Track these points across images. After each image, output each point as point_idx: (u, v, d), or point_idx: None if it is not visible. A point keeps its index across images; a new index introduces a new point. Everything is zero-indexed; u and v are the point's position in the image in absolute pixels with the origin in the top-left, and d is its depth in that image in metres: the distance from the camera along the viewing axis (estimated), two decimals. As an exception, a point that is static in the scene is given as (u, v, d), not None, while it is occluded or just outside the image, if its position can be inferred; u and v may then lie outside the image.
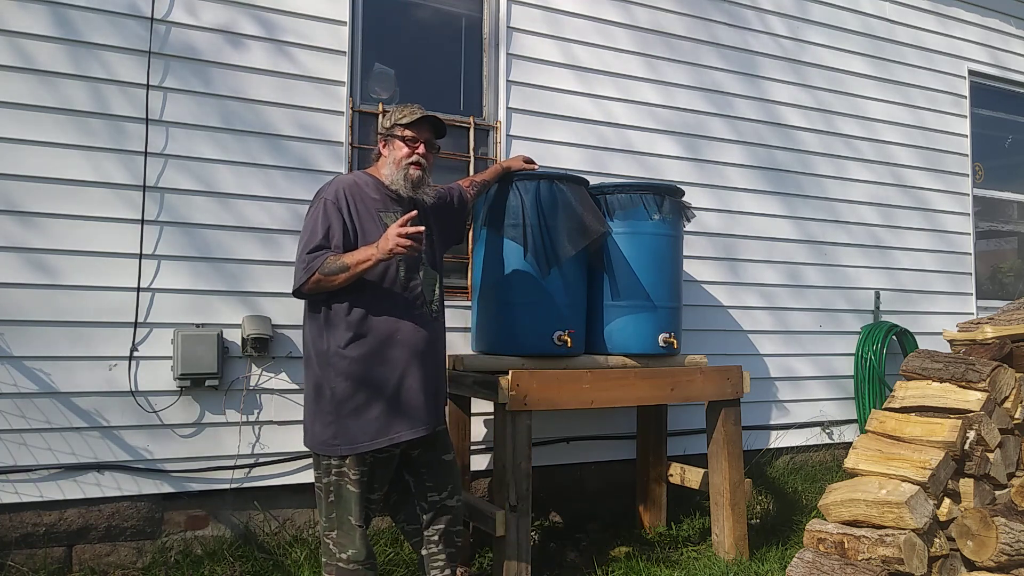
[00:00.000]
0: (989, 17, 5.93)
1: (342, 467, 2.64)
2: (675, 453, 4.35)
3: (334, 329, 2.63)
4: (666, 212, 3.68)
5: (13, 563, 3.09)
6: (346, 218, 2.67)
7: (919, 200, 5.54)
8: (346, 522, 2.64)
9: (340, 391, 2.61)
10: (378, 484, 2.72)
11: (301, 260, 2.61)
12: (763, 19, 4.96)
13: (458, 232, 3.24)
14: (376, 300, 2.66)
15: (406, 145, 2.78)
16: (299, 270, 2.62)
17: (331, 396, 2.61)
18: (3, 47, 3.16)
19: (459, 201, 3.16)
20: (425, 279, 2.78)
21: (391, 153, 2.80)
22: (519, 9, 4.19)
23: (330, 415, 2.62)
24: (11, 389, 3.12)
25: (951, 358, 2.94)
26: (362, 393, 2.61)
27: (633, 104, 4.49)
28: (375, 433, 2.61)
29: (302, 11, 3.69)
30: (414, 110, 2.81)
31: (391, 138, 2.81)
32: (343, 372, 2.61)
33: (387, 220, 2.72)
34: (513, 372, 3.16)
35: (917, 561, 2.49)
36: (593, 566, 3.59)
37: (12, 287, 3.14)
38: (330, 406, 2.62)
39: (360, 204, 2.72)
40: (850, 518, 2.68)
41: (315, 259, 2.58)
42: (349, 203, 2.70)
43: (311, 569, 3.26)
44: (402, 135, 2.78)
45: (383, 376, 2.63)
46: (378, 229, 2.69)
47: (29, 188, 3.18)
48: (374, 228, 2.70)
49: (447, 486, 2.82)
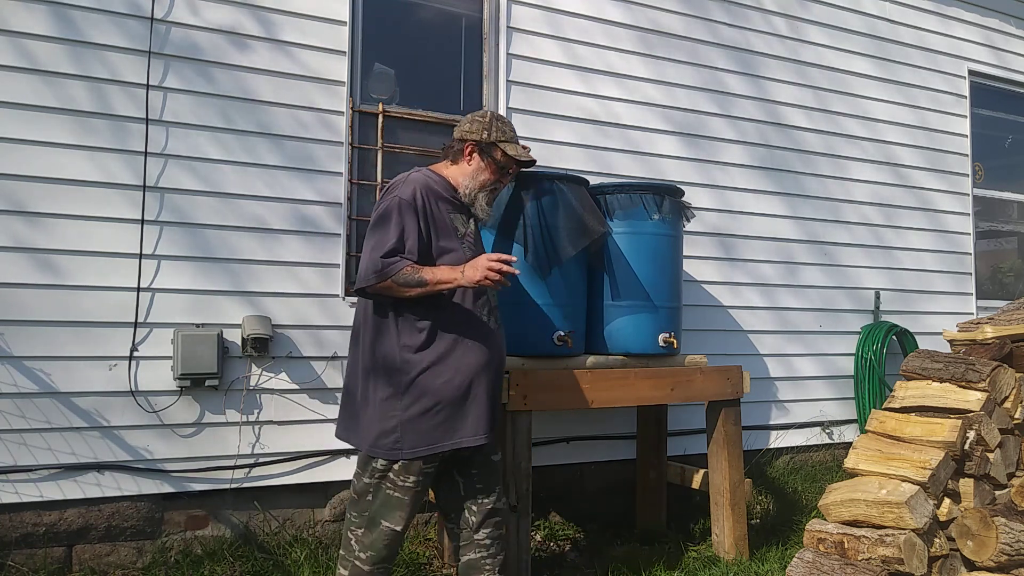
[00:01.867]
0: (989, 17, 5.93)
1: (388, 471, 2.58)
2: (675, 453, 4.35)
3: (404, 334, 2.60)
4: (666, 212, 3.68)
5: (13, 563, 3.09)
6: (420, 221, 2.61)
7: (919, 200, 5.55)
8: (378, 525, 2.60)
9: (406, 395, 2.57)
10: (424, 487, 2.68)
11: (373, 262, 2.53)
12: (766, 19, 4.96)
13: None
14: (448, 309, 2.63)
15: (498, 171, 2.79)
16: (369, 271, 2.54)
17: (395, 400, 2.57)
18: (6, 47, 3.16)
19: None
20: (491, 291, 2.76)
21: (478, 168, 2.77)
22: (519, 9, 4.19)
23: (393, 419, 2.57)
24: (11, 389, 3.12)
25: (951, 358, 2.94)
26: (429, 398, 2.57)
27: (634, 104, 4.49)
28: (438, 438, 2.58)
29: (302, 11, 3.69)
30: (522, 147, 2.81)
31: (487, 155, 2.77)
32: (411, 377, 2.57)
33: (455, 223, 2.71)
34: (513, 372, 3.16)
35: (917, 561, 2.49)
36: (593, 566, 3.59)
37: (12, 287, 3.14)
38: (394, 410, 2.57)
39: (434, 206, 2.67)
40: (850, 518, 2.68)
41: (391, 265, 2.51)
42: (425, 204, 2.63)
43: (311, 569, 3.26)
44: (501, 161, 2.78)
45: (452, 383, 2.60)
46: (451, 233, 2.67)
47: (29, 188, 3.18)
48: (447, 231, 2.67)
49: (496, 488, 2.78)
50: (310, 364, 3.62)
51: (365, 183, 3.86)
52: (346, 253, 3.74)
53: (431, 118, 4.03)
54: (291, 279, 3.62)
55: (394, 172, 3.91)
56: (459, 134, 2.81)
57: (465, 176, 2.77)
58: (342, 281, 3.71)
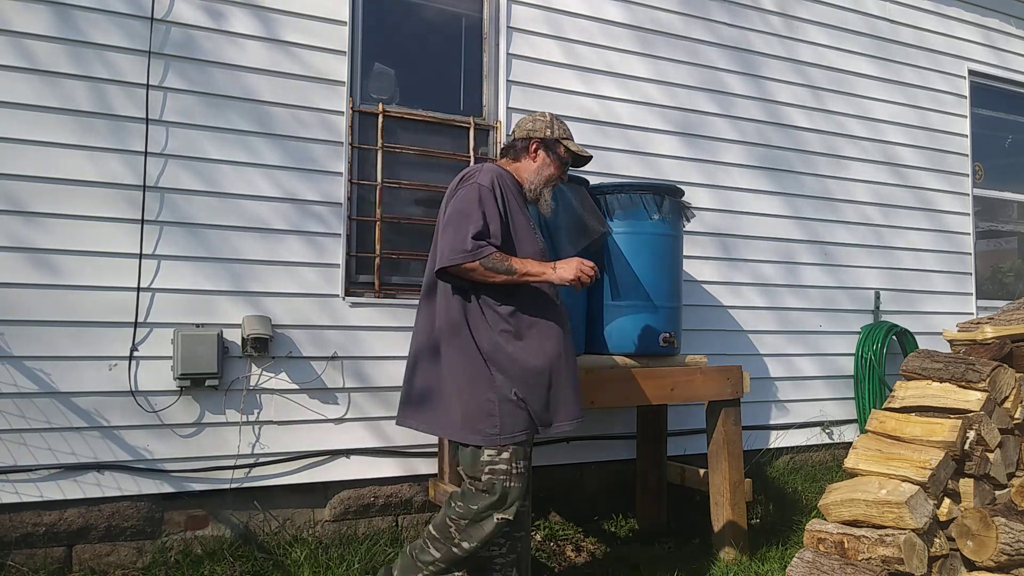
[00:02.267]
0: (989, 17, 5.93)
1: (498, 461, 2.60)
2: (675, 453, 4.35)
3: (492, 320, 2.66)
4: (666, 212, 3.68)
5: (13, 563, 3.09)
6: (500, 207, 2.68)
7: (919, 200, 5.54)
8: (491, 518, 2.60)
9: (502, 381, 2.62)
10: (529, 469, 2.72)
11: (462, 242, 2.56)
12: (764, 18, 4.96)
13: None
14: (533, 296, 2.73)
15: (561, 167, 2.92)
16: (458, 250, 2.57)
17: (491, 386, 2.61)
18: (7, 48, 3.16)
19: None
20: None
21: (543, 164, 2.88)
22: (519, 9, 4.19)
23: (491, 403, 2.60)
24: (11, 389, 3.12)
25: (951, 358, 2.94)
26: (524, 382, 2.63)
27: (634, 104, 4.49)
28: (542, 420, 2.67)
29: (302, 11, 3.69)
30: (580, 145, 2.95)
31: (552, 151, 2.89)
32: (504, 362, 2.62)
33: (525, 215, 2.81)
34: (513, 372, 3.16)
35: (917, 561, 2.49)
36: (593, 566, 3.59)
37: (12, 287, 3.14)
38: (492, 397, 2.61)
39: (509, 195, 2.77)
40: (850, 518, 2.68)
41: (480, 248, 2.57)
42: (502, 193, 2.72)
43: (311, 569, 3.26)
44: (564, 157, 2.91)
45: (542, 368, 2.67)
46: (525, 224, 2.77)
47: (29, 187, 3.18)
48: (523, 221, 2.77)
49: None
50: (310, 364, 3.62)
51: (365, 183, 3.86)
52: (346, 253, 3.74)
53: (431, 118, 4.03)
54: (291, 279, 3.62)
55: (394, 172, 3.93)
56: (522, 133, 2.91)
57: (530, 172, 2.87)
58: (342, 281, 3.71)
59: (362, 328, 3.74)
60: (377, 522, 3.76)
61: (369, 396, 3.74)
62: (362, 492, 3.73)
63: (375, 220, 3.85)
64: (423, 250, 4.00)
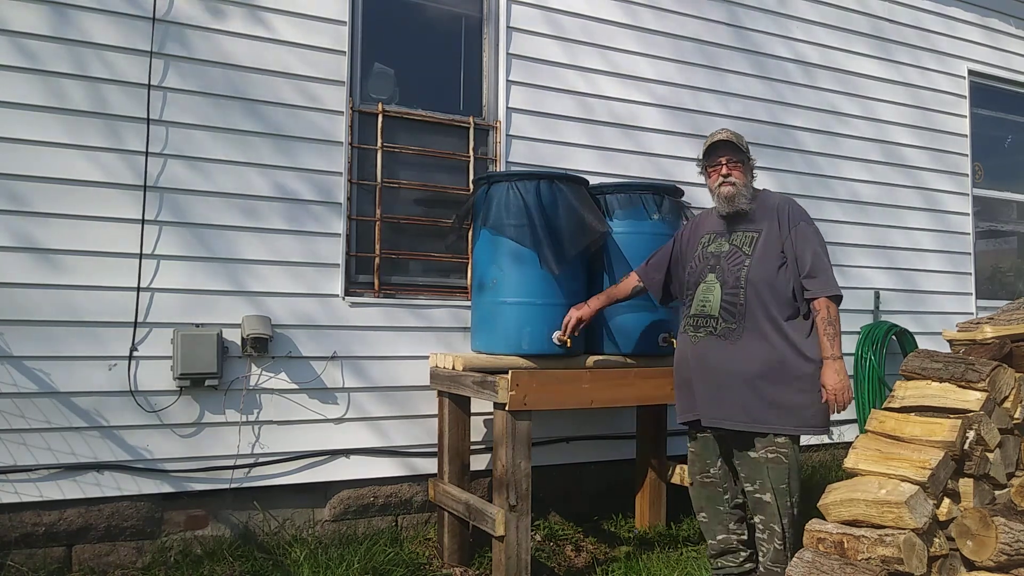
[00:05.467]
0: (989, 17, 5.93)
1: (795, 444, 2.98)
2: (675, 453, 4.34)
3: (792, 331, 2.96)
4: (666, 212, 3.68)
5: (13, 563, 3.09)
6: None
7: (919, 200, 5.54)
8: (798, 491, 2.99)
9: (808, 383, 2.96)
10: None
11: (833, 276, 2.99)
12: (777, 21, 4.96)
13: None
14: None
15: (710, 174, 3.12)
16: (836, 284, 2.97)
17: (805, 387, 2.94)
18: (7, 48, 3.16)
19: None
20: None
21: (710, 185, 3.14)
22: (519, 9, 4.19)
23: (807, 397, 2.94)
24: (11, 389, 3.12)
25: (951, 358, 2.94)
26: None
27: (634, 104, 4.48)
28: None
29: (302, 11, 3.69)
30: (709, 139, 3.13)
31: (705, 173, 3.16)
32: (808, 367, 2.95)
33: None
34: (513, 372, 3.16)
35: (916, 561, 2.49)
36: (593, 566, 3.59)
37: (12, 287, 3.15)
38: (812, 398, 2.94)
39: None
40: (850, 518, 2.67)
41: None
42: None
43: (311, 569, 3.26)
44: (704, 166, 3.14)
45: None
46: None
47: (29, 187, 3.18)
48: None
49: (755, 480, 3.08)
50: (310, 364, 3.62)
51: (365, 183, 3.86)
52: (346, 253, 3.74)
53: (431, 118, 4.03)
54: (291, 279, 3.61)
55: (394, 172, 3.93)
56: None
57: (713, 198, 3.24)
58: (342, 281, 3.71)
59: (362, 328, 3.74)
60: (377, 522, 3.76)
61: (369, 396, 3.74)
62: (362, 492, 3.74)
63: (375, 220, 3.85)
64: (423, 250, 4.01)
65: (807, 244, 2.98)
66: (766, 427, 2.95)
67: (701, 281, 3.09)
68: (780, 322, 2.95)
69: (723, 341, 3.00)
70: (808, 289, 2.95)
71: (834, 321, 2.92)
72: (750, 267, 2.98)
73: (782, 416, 2.93)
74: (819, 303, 2.94)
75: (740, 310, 2.98)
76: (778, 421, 2.94)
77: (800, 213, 3.06)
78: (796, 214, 3.04)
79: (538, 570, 3.53)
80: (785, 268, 2.98)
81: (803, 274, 2.95)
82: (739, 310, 2.98)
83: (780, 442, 2.95)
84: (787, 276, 2.97)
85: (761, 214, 3.06)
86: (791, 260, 2.98)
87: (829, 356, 2.91)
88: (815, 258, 2.95)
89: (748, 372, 2.95)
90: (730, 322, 2.99)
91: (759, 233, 3.02)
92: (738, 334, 2.98)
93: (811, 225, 3.04)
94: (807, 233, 2.99)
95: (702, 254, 3.13)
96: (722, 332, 3.00)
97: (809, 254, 2.96)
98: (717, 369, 3.01)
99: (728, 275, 3.01)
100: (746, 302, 2.97)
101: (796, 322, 2.97)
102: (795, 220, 3.01)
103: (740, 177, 3.06)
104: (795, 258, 2.97)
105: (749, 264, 2.98)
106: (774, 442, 2.95)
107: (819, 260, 2.96)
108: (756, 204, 3.08)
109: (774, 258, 2.98)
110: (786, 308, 2.96)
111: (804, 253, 2.96)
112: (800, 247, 2.97)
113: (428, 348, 3.85)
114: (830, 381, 2.90)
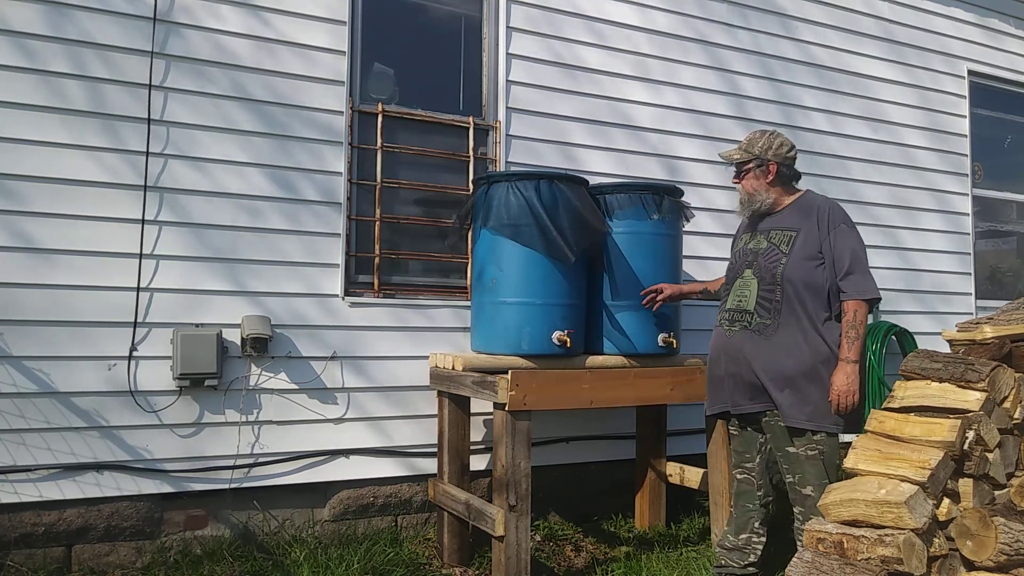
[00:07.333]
0: (989, 17, 5.93)
1: (832, 441, 3.00)
2: (675, 453, 4.34)
3: (826, 330, 2.99)
4: (665, 212, 3.68)
5: (12, 563, 3.09)
6: None
7: (919, 200, 5.54)
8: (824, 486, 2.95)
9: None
10: None
11: (872, 278, 2.98)
12: (784, 23, 4.96)
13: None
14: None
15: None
16: (873, 287, 2.97)
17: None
18: (8, 48, 3.16)
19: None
20: None
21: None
22: (519, 9, 4.19)
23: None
24: (11, 389, 3.12)
25: (950, 358, 2.94)
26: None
27: (634, 104, 4.48)
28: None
29: (302, 11, 3.69)
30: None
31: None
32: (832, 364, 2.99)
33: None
34: (513, 372, 3.16)
35: (916, 561, 2.49)
36: (593, 566, 3.59)
37: (12, 287, 3.14)
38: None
39: None
40: (849, 518, 2.67)
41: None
42: None
43: (310, 569, 3.26)
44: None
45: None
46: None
47: (29, 187, 3.18)
48: None
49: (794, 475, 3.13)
50: (310, 364, 3.62)
51: (365, 183, 3.86)
52: (345, 253, 3.74)
53: (431, 118, 4.02)
54: (291, 279, 3.61)
55: (394, 172, 3.93)
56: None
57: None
58: (342, 281, 3.71)
59: (362, 328, 3.74)
60: (376, 522, 3.76)
61: (369, 396, 3.74)
62: (361, 492, 3.74)
63: (375, 220, 3.85)
64: (423, 250, 4.01)
65: (846, 245, 3.00)
66: (801, 424, 2.98)
67: (738, 276, 3.15)
68: (815, 320, 2.98)
69: (758, 336, 3.04)
70: (844, 291, 2.97)
71: (858, 325, 2.94)
72: (787, 265, 3.01)
73: (817, 414, 2.96)
74: (848, 305, 2.95)
75: (776, 306, 3.01)
76: (814, 418, 2.96)
77: (841, 215, 3.09)
78: (837, 216, 3.07)
79: (538, 570, 3.53)
80: (823, 268, 3.00)
81: (840, 275, 2.97)
82: (775, 306, 3.02)
83: (817, 439, 2.98)
84: (824, 276, 2.99)
85: (802, 215, 3.09)
86: (829, 261, 3.00)
87: (844, 358, 2.93)
88: (853, 259, 2.97)
89: (782, 367, 2.98)
90: (765, 317, 3.03)
91: (797, 232, 3.06)
92: (772, 329, 3.01)
93: (852, 227, 3.06)
94: (847, 235, 3.02)
95: (742, 250, 3.20)
96: (757, 327, 3.04)
97: (848, 255, 2.98)
98: (750, 362, 3.04)
99: (765, 271, 3.05)
100: (782, 299, 3.01)
101: (832, 322, 3.00)
102: (835, 222, 3.04)
103: (748, 184, 3.16)
104: (833, 259, 3.00)
105: (786, 262, 3.02)
106: (812, 440, 2.98)
107: (857, 262, 2.98)
108: (795, 204, 3.14)
109: (812, 258, 3.01)
110: (822, 307, 2.99)
111: (843, 254, 2.99)
112: (839, 248, 3.00)
113: (428, 348, 3.85)
114: (837, 381, 2.92)
